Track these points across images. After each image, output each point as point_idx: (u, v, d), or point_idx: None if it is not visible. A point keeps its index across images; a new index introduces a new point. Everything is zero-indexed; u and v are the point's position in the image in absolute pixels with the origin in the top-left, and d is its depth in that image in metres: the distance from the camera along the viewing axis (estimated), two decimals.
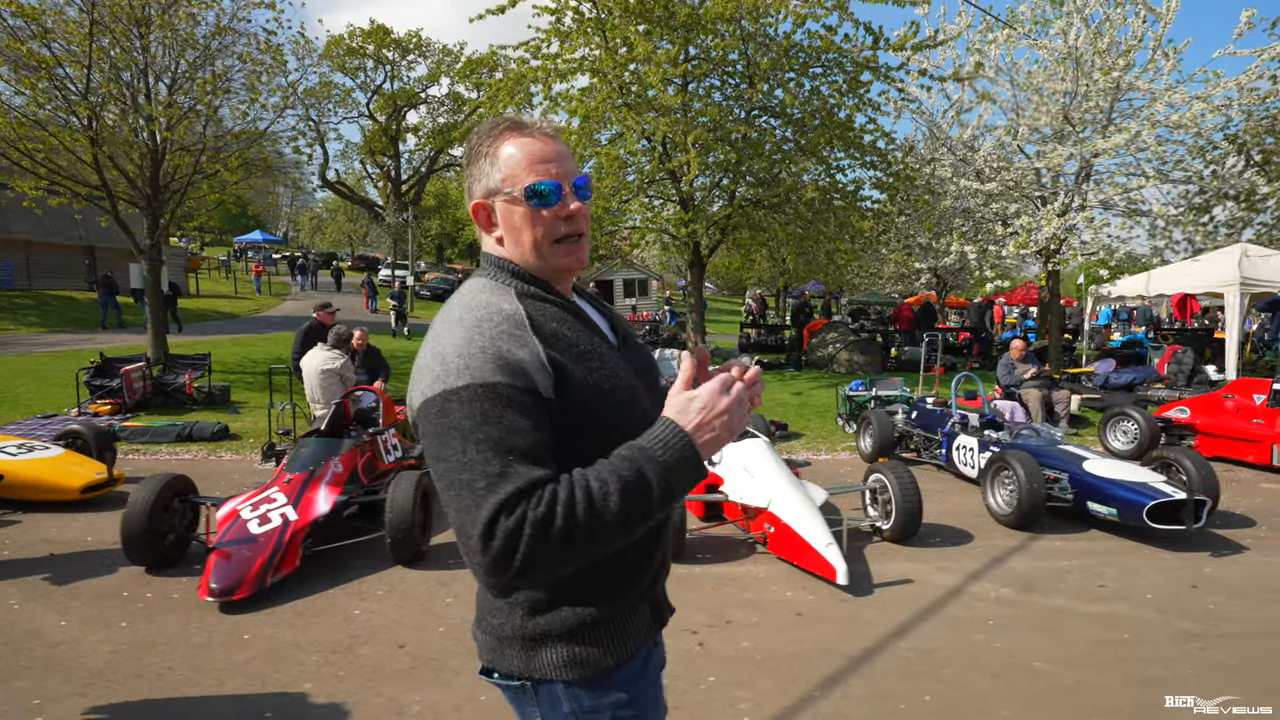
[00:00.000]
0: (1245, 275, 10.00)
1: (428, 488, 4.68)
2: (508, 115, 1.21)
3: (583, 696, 1.15)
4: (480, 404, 0.98)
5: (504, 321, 1.06)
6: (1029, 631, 3.51)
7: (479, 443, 0.96)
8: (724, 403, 1.03)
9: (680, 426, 1.01)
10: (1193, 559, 4.50)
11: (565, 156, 1.16)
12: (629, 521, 0.97)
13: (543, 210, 1.13)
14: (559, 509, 0.93)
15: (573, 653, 1.13)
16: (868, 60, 12.04)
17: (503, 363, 1.01)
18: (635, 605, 1.20)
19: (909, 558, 4.55)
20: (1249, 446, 7.11)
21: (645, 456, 0.99)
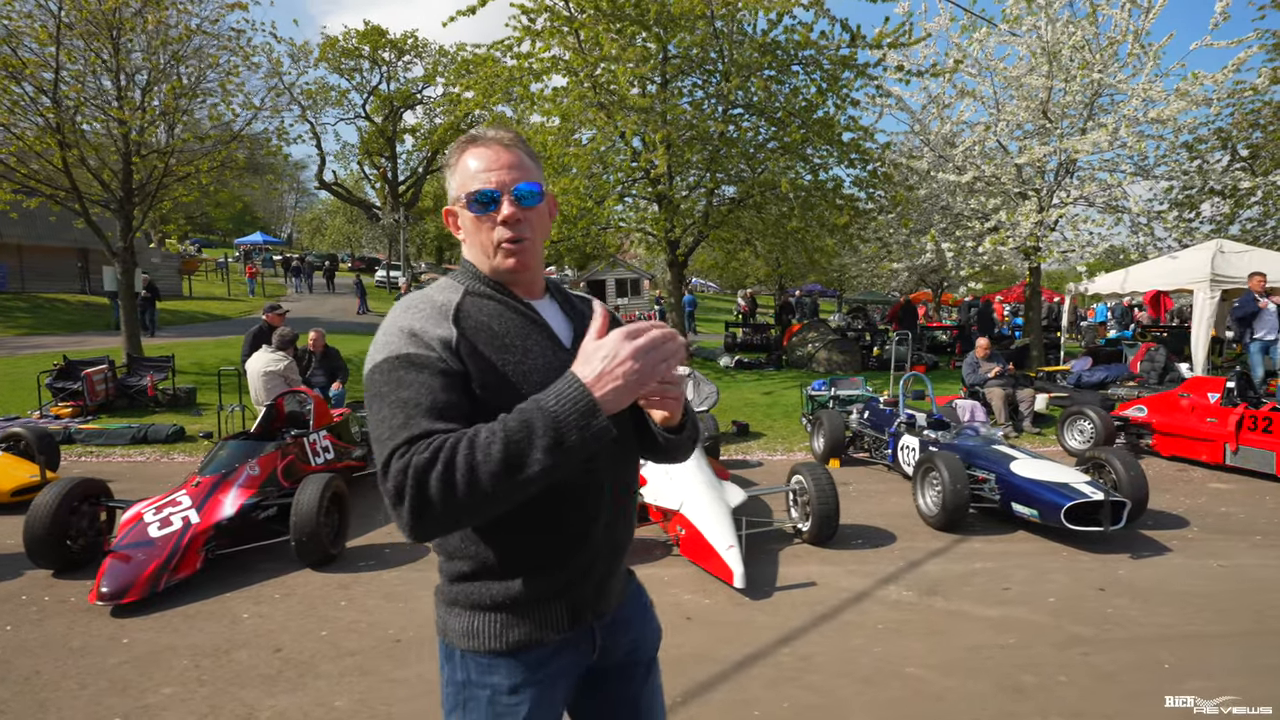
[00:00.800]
0: (1215, 272, 9.87)
1: (340, 490, 4.67)
2: (475, 130, 1.28)
3: (471, 668, 1.21)
4: (395, 371, 1.09)
5: (428, 307, 1.17)
6: (915, 636, 3.46)
7: (391, 403, 1.07)
8: (629, 349, 1.02)
9: (578, 377, 1.02)
10: (1110, 561, 4.43)
11: (514, 165, 1.22)
12: (511, 470, 0.98)
13: (483, 216, 1.21)
14: (441, 454, 0.98)
15: (468, 624, 1.20)
16: (845, 58, 11.94)
17: (414, 337, 1.11)
18: (545, 600, 1.21)
19: (823, 560, 4.50)
20: (1203, 445, 7.01)
21: (536, 407, 1.01)
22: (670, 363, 1.06)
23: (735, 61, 11.57)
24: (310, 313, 25.01)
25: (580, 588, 1.24)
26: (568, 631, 1.24)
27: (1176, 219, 14.94)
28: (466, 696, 1.22)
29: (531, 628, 1.20)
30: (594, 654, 1.29)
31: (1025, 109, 12.56)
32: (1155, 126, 12.30)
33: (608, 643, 1.31)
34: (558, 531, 1.19)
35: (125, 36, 10.95)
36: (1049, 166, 12.81)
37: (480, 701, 1.21)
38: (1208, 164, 14.59)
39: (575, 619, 1.24)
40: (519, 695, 1.20)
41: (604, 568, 1.27)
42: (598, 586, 1.27)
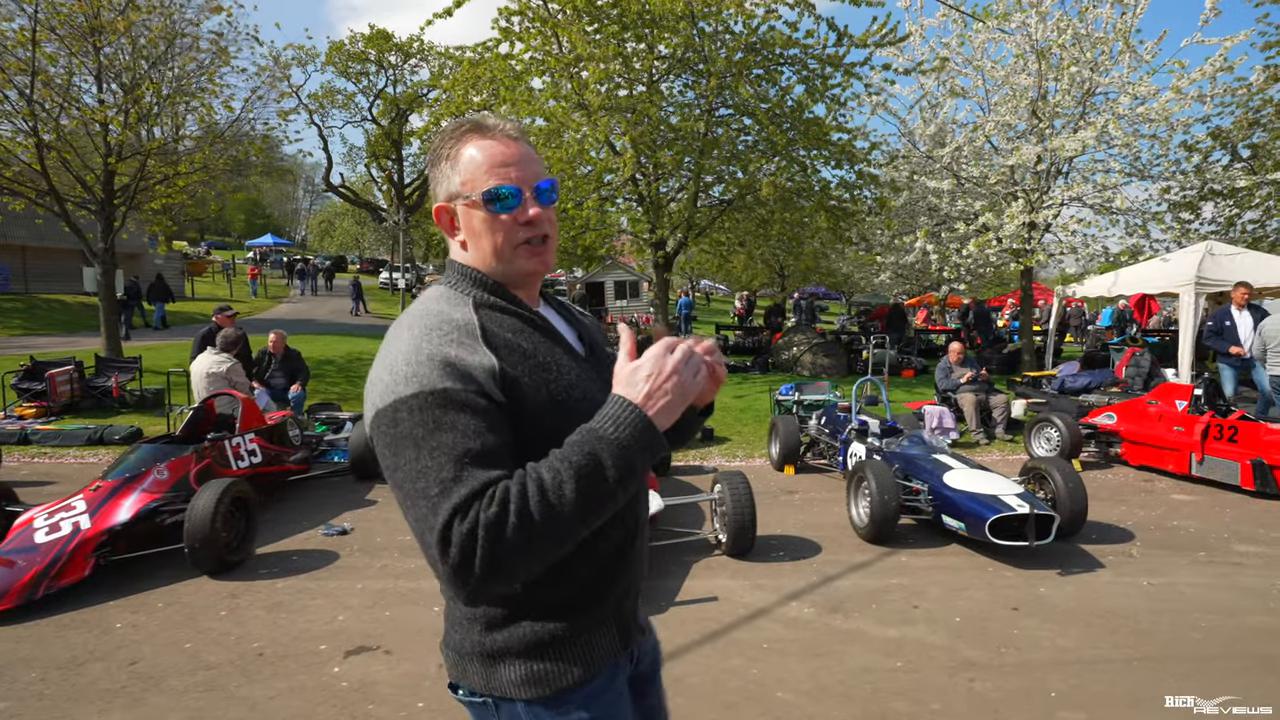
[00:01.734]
0: (1201, 275, 9.56)
1: (243, 494, 4.57)
2: (471, 116, 1.17)
3: (543, 715, 1.12)
4: (431, 410, 0.96)
5: (454, 330, 1.04)
6: (800, 657, 3.28)
7: (432, 450, 0.94)
8: (670, 363, 0.99)
9: (628, 400, 0.98)
10: (1035, 578, 4.22)
11: (529, 159, 1.13)
12: (589, 507, 0.93)
13: (502, 215, 1.10)
14: (512, 505, 0.90)
15: (531, 670, 1.11)
16: (831, 57, 11.74)
17: (450, 369, 0.99)
18: (599, 625, 1.16)
19: (734, 573, 4.33)
20: (1169, 455, 6.74)
21: (596, 437, 0.95)
22: (704, 371, 1.04)
23: (718, 61, 11.39)
24: (309, 314, 25.16)
25: (623, 606, 1.21)
26: (622, 653, 1.20)
27: (1174, 220, 14.60)
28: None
29: (594, 658, 1.15)
30: (631, 666, 1.27)
31: (1013, 109, 12.30)
32: (1148, 125, 12.00)
33: (639, 653, 1.30)
34: (607, 552, 1.14)
35: (106, 41, 11.00)
36: (1040, 167, 12.52)
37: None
38: (1206, 164, 14.24)
39: (625, 640, 1.21)
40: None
41: (640, 582, 1.26)
42: (634, 605, 1.25)
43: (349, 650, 3.36)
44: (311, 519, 5.46)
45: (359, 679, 3.10)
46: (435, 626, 3.60)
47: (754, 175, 12.23)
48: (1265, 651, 3.31)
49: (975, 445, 8.42)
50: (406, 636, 3.49)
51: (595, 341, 1.27)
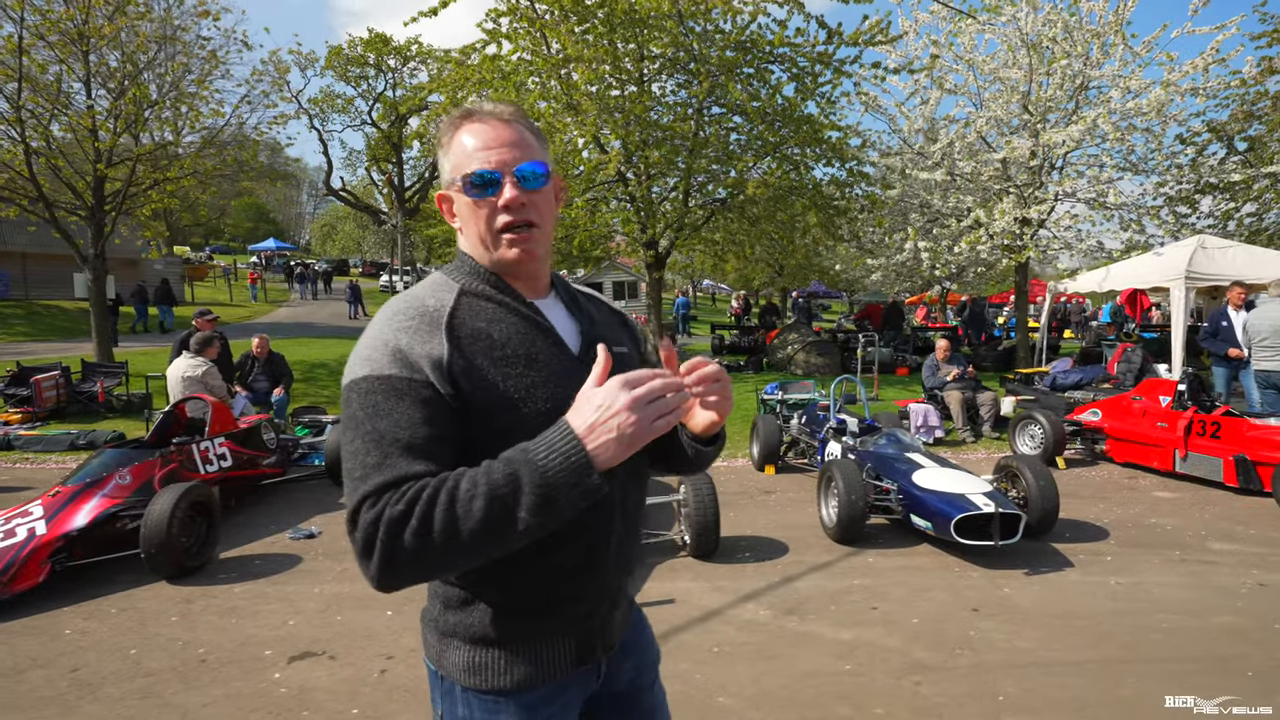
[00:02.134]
0: (1191, 269, 9.44)
1: (204, 498, 4.54)
2: (470, 103, 1.17)
3: (475, 706, 1.11)
4: (374, 395, 0.97)
5: (417, 317, 1.03)
6: (749, 661, 3.23)
7: (366, 434, 0.96)
8: (624, 399, 0.91)
9: (571, 428, 0.92)
10: (1000, 578, 4.15)
11: (516, 143, 1.09)
12: (492, 530, 0.89)
13: (481, 200, 1.08)
14: (418, 508, 0.89)
15: (472, 659, 1.10)
16: (820, 55, 11.66)
17: (399, 356, 0.99)
18: (549, 636, 1.12)
19: (696, 575, 4.27)
20: (1153, 451, 6.65)
21: (524, 459, 0.91)
22: (672, 416, 0.94)
23: (707, 60, 11.32)
24: (307, 318, 25.23)
25: (588, 622, 1.16)
26: (573, 670, 1.15)
27: (1169, 214, 14.46)
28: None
29: (536, 668, 1.11)
30: (598, 683, 1.23)
31: (1004, 103, 12.20)
32: (1141, 119, 11.88)
33: (612, 671, 1.24)
34: (566, 563, 1.09)
35: (95, 47, 11.03)
36: (1033, 162, 12.41)
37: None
38: (1202, 158, 14.10)
39: (583, 657, 1.16)
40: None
41: (613, 596, 1.20)
42: (604, 620, 1.19)
43: (293, 656, 3.32)
44: (281, 522, 5.43)
45: (298, 685, 3.06)
46: (385, 630, 3.56)
47: (742, 174, 12.15)
48: (1225, 652, 3.23)
49: (961, 443, 8.34)
50: (353, 641, 3.45)
51: (597, 338, 1.15)
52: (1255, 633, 3.41)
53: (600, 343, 1.05)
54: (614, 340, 1.20)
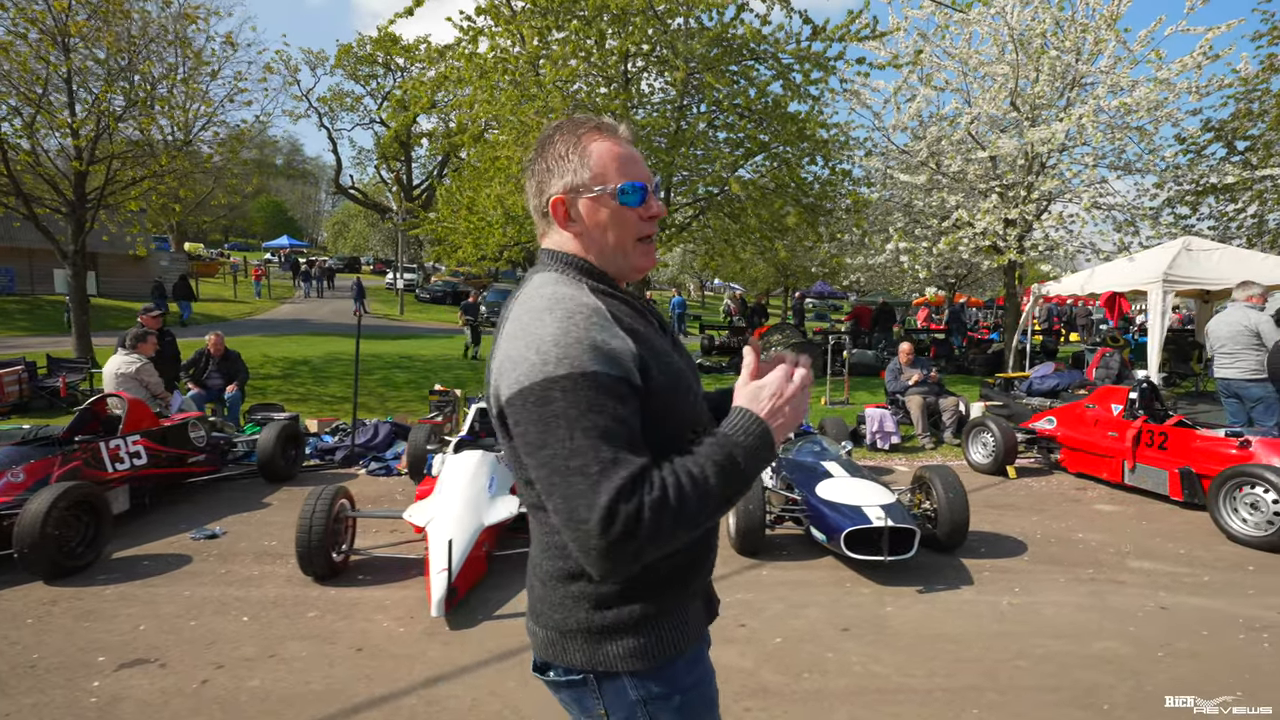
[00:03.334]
0: (1170, 272, 9.09)
1: (89, 497, 4.48)
2: (589, 116, 1.24)
3: (650, 685, 1.20)
4: (585, 392, 1.02)
5: (593, 314, 1.09)
6: None
7: (586, 430, 1.01)
8: (790, 389, 1.12)
9: (755, 413, 1.10)
10: (889, 594, 3.96)
11: (643, 161, 1.22)
12: (726, 499, 1.05)
13: (630, 209, 1.19)
14: (671, 492, 1.00)
15: (639, 644, 1.18)
16: (804, 51, 11.43)
17: (599, 353, 1.05)
18: (693, 599, 1.26)
19: None
20: (1103, 462, 6.39)
21: (731, 441, 1.07)
22: (808, 399, 1.15)
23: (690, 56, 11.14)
24: (308, 314, 25.43)
25: (707, 581, 1.33)
26: (710, 621, 1.33)
27: (1171, 216, 14.04)
28: (653, 711, 1.20)
29: (690, 625, 1.24)
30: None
31: (992, 100, 11.89)
32: (1131, 117, 11.52)
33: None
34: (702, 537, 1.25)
35: (77, 47, 11.12)
36: (1020, 161, 12.08)
37: (672, 708, 1.21)
38: (1200, 159, 13.66)
39: (710, 612, 1.34)
40: (703, 685, 1.25)
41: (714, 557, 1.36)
42: (710, 580, 1.36)
43: (124, 663, 3.24)
44: (193, 522, 5.38)
45: (111, 695, 2.97)
46: (231, 638, 3.47)
47: (727, 171, 11.94)
48: (1091, 681, 3.03)
49: (920, 449, 8.11)
50: (192, 649, 3.36)
51: (671, 329, 1.32)
52: (1133, 661, 3.20)
53: (670, 329, 1.30)
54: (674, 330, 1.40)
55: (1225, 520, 4.91)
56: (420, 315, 29.03)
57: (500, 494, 4.71)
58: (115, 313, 22.05)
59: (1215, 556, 4.58)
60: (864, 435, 8.15)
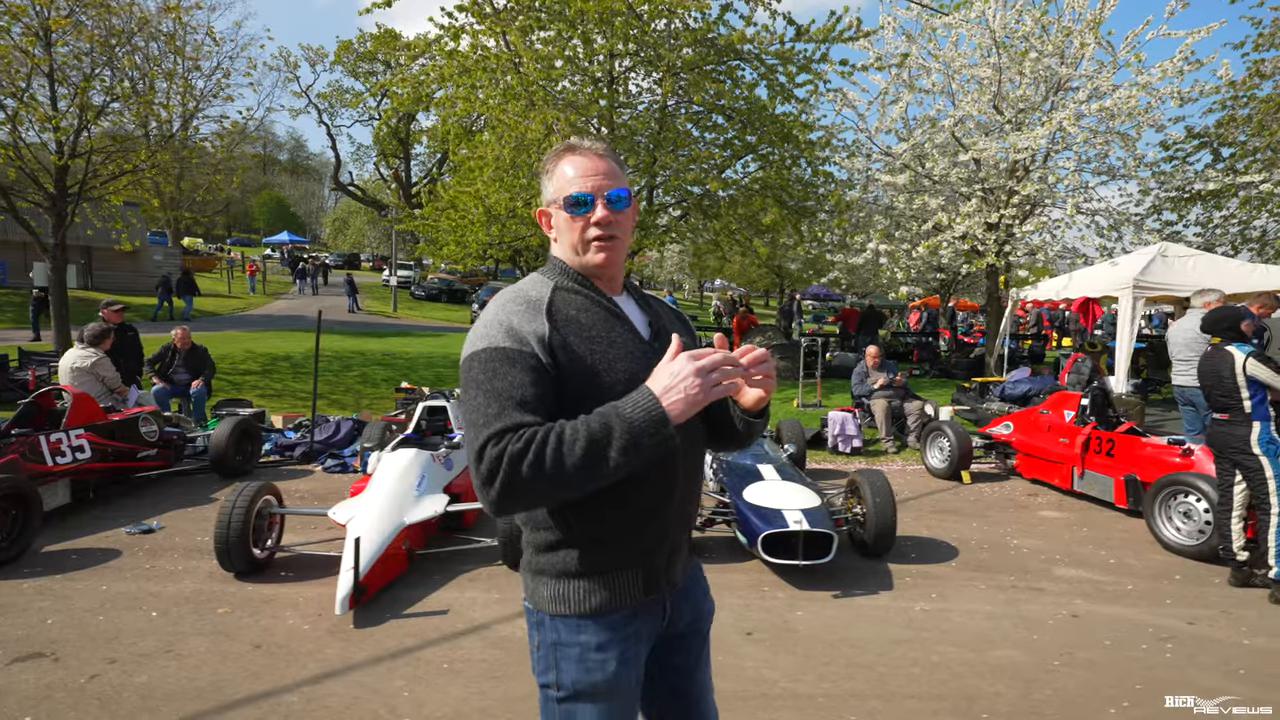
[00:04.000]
0: (1141, 278, 9.03)
1: (16, 489, 4.49)
2: (570, 140, 1.42)
3: (561, 629, 1.35)
4: (491, 362, 1.23)
5: (523, 303, 1.30)
6: (469, 681, 3.07)
7: (487, 392, 1.21)
8: (689, 368, 1.17)
9: (650, 389, 1.18)
10: (803, 599, 3.94)
11: (607, 173, 1.36)
12: (591, 465, 1.14)
13: (577, 216, 1.35)
14: (533, 446, 1.13)
15: (557, 590, 1.35)
16: (787, 53, 11.39)
17: (511, 332, 1.25)
18: (623, 567, 1.35)
19: (495, 586, 4.13)
20: (1055, 468, 6.36)
21: (615, 412, 1.17)
22: (727, 386, 1.20)
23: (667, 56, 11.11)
24: (301, 310, 25.47)
25: (654, 558, 1.38)
26: (642, 598, 1.37)
27: (1157, 222, 13.97)
28: (559, 656, 1.35)
29: (612, 594, 1.34)
30: (664, 622, 1.44)
31: (974, 101, 11.84)
32: (1112, 122, 11.46)
33: (674, 613, 1.46)
34: (638, 507, 1.33)
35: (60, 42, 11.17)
36: (1002, 165, 12.02)
37: (571, 659, 1.34)
38: (1185, 164, 13.58)
39: (649, 587, 1.38)
40: (605, 653, 1.34)
41: (675, 540, 1.43)
42: (669, 558, 1.42)
43: (19, 657, 3.25)
44: (132, 515, 5.39)
45: None
46: (133, 633, 3.47)
47: (700, 173, 11.91)
48: (978, 689, 3.01)
49: (883, 453, 8.07)
50: (90, 644, 3.37)
51: (664, 329, 1.46)
52: (1027, 670, 3.18)
53: (664, 332, 1.45)
54: (674, 331, 1.47)
55: (1160, 528, 4.88)
56: (414, 312, 29.04)
57: (430, 493, 4.71)
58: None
59: (1145, 565, 4.54)
60: (826, 438, 8.13)
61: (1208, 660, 3.26)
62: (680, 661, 1.51)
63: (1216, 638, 3.50)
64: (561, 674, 1.35)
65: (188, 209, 31.75)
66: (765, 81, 11.85)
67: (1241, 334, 4.16)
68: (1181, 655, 3.31)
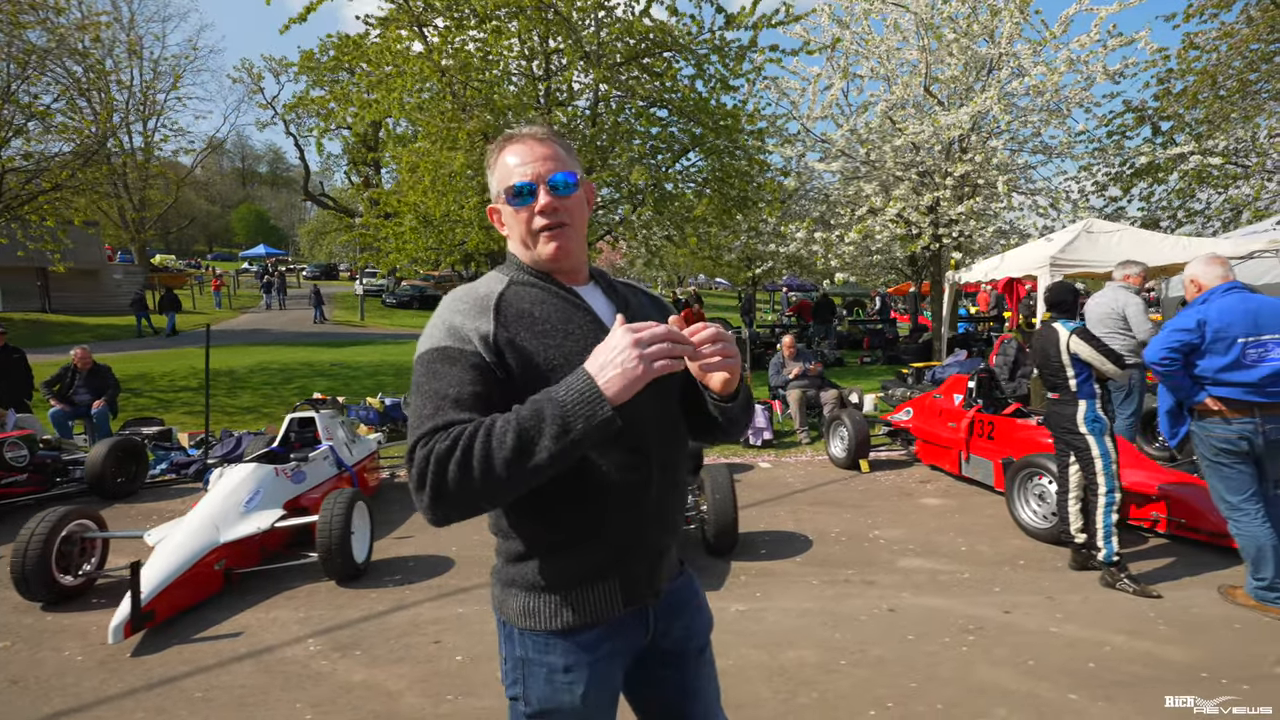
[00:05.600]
0: (1057, 255, 8.89)
1: None
2: (511, 129, 1.36)
3: (529, 645, 1.27)
4: (432, 363, 1.18)
5: (469, 301, 1.23)
6: (225, 709, 2.92)
7: (425, 393, 1.15)
8: (627, 341, 1.08)
9: (585, 369, 1.09)
10: None
11: (549, 156, 1.26)
12: (523, 456, 1.04)
13: (521, 208, 1.27)
14: (460, 443, 1.06)
15: (526, 604, 1.27)
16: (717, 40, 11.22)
17: (453, 331, 1.19)
18: (597, 579, 1.26)
19: (303, 605, 3.96)
20: (946, 453, 6.22)
21: (547, 397, 1.08)
22: (671, 362, 1.09)
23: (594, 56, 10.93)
24: (265, 324, 25.27)
25: (632, 566, 1.28)
26: (622, 612, 1.28)
27: (1101, 199, 13.87)
28: (526, 672, 1.28)
29: (586, 609, 1.25)
30: (647, 637, 1.34)
31: (906, 86, 11.71)
32: (1039, 99, 11.34)
33: (661, 627, 1.35)
34: (606, 508, 1.24)
35: None
36: (937, 148, 11.88)
37: (539, 678, 1.27)
38: (1123, 139, 13.47)
39: (629, 599, 1.28)
40: (573, 674, 1.26)
41: (655, 544, 1.32)
42: (650, 565, 1.31)
43: None
44: None
45: None
46: None
47: (624, 168, 11.74)
48: (745, 697, 2.85)
49: (796, 444, 7.93)
50: None
51: (636, 317, 1.34)
52: (808, 672, 3.03)
53: (636, 319, 1.23)
54: (646, 319, 1.24)
55: (1018, 511, 4.74)
56: (384, 321, 28.83)
57: (264, 508, 4.56)
58: (67, 328, 21.97)
59: (996, 551, 4.40)
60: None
61: (1002, 652, 3.12)
62: (677, 677, 1.41)
63: (1026, 627, 3.35)
64: (529, 690, 1.28)
65: (150, 227, 31.58)
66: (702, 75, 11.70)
67: (1074, 310, 4.01)
68: (978, 648, 3.17)
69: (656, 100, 11.77)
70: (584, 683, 1.25)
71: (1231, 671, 2.88)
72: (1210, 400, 3.38)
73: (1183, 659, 3.01)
